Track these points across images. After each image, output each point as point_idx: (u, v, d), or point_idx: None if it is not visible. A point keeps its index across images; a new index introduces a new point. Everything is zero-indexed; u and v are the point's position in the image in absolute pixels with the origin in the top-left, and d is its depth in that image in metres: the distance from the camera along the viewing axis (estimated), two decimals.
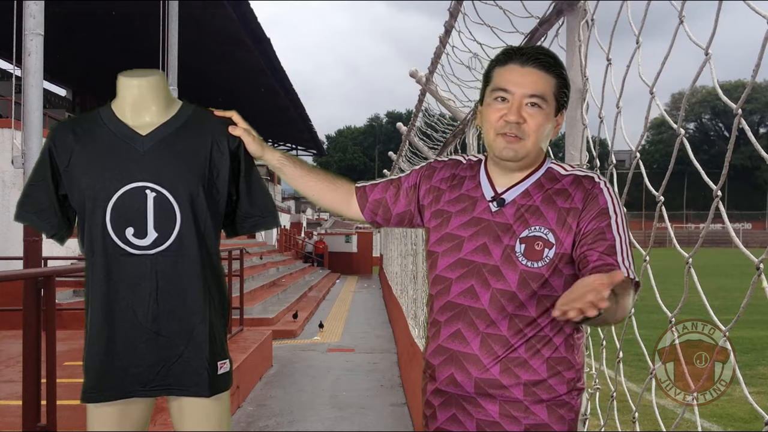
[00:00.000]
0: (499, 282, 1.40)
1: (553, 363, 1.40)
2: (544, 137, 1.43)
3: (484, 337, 1.41)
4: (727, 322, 1.16)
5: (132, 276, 1.67)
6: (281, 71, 18.10)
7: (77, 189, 1.70)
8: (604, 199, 1.38)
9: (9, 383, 4.60)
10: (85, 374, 1.72)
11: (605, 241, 1.33)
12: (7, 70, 18.21)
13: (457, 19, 2.91)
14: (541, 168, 1.46)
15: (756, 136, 1.40)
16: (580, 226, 1.37)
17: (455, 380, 1.44)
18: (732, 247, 20.28)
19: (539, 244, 1.39)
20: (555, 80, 1.40)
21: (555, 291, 1.38)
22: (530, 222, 1.41)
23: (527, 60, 1.39)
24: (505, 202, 1.44)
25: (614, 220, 1.36)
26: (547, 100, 1.40)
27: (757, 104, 67.66)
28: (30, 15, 5.51)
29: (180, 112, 1.77)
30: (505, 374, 1.40)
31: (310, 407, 5.72)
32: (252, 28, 14.36)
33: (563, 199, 1.40)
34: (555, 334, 1.40)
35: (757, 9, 0.99)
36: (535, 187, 1.44)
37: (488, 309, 1.40)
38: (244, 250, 8.72)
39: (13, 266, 6.48)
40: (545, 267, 1.38)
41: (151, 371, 1.70)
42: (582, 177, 1.43)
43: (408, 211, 1.63)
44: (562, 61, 1.44)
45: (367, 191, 1.69)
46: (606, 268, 1.29)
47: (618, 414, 1.69)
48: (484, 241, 1.43)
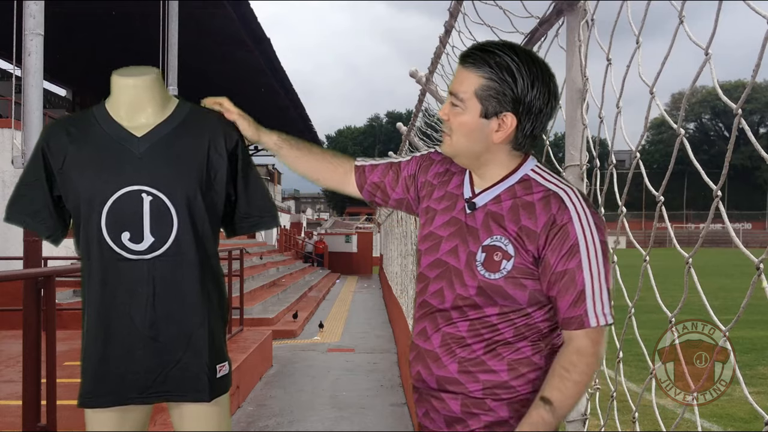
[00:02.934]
0: (461, 287, 1.39)
1: (515, 365, 1.37)
2: (474, 138, 1.37)
3: (444, 335, 1.41)
4: (727, 322, 1.16)
5: (129, 281, 1.65)
6: (281, 71, 18.08)
7: (72, 192, 1.68)
8: (573, 232, 1.31)
9: (9, 383, 4.60)
10: (82, 378, 1.70)
11: (575, 288, 1.30)
12: (7, 70, 18.20)
13: (457, 19, 2.90)
14: (517, 172, 1.40)
15: (756, 136, 1.40)
16: (549, 259, 1.32)
17: (421, 376, 1.45)
18: (732, 247, 20.29)
19: (498, 254, 1.35)
20: (482, 80, 1.32)
21: (517, 303, 1.35)
22: (493, 230, 1.37)
23: (462, 59, 1.36)
24: (476, 206, 1.41)
25: (585, 256, 1.30)
26: (465, 101, 1.35)
27: (757, 104, 67.67)
28: (30, 15, 5.50)
29: (176, 112, 1.74)
30: (464, 374, 1.38)
31: (310, 407, 5.71)
32: (252, 28, 14.35)
33: (527, 216, 1.34)
34: (517, 340, 1.37)
35: (757, 9, 0.99)
36: (507, 193, 1.39)
37: (450, 310, 1.40)
38: (244, 250, 8.72)
39: (13, 266, 6.48)
40: (502, 279, 1.34)
41: (149, 378, 1.67)
42: (552, 195, 1.34)
43: (406, 198, 1.61)
44: (505, 62, 1.31)
45: (366, 172, 1.67)
46: (574, 323, 1.31)
47: (618, 414, 1.69)
48: (456, 243, 1.41)
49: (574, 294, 1.30)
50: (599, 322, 1.30)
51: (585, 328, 1.30)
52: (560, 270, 1.31)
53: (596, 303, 1.30)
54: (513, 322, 1.36)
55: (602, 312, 1.30)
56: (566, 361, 1.31)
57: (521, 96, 1.32)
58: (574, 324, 1.31)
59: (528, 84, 1.31)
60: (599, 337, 1.31)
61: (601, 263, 1.31)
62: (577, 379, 1.30)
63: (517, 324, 1.36)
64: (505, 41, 1.39)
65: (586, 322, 1.30)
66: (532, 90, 1.32)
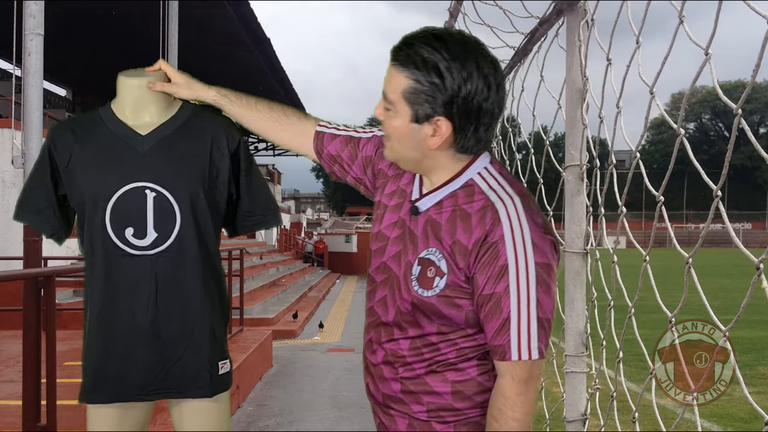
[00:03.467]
0: (399, 300, 1.27)
1: (459, 387, 1.26)
2: (408, 144, 1.23)
3: (386, 351, 1.31)
4: (727, 322, 1.16)
5: (132, 277, 1.66)
6: (281, 71, 18.09)
7: (77, 189, 1.70)
8: (504, 251, 1.17)
9: (9, 383, 4.60)
10: (83, 375, 1.71)
11: (500, 315, 1.17)
12: (7, 70, 18.20)
13: (457, 19, 2.91)
14: (460, 177, 1.25)
15: (756, 136, 1.40)
16: (478, 280, 1.19)
17: (369, 389, 1.38)
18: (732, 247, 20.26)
19: (432, 270, 1.23)
20: (408, 81, 1.17)
21: (456, 324, 1.24)
22: (430, 241, 1.24)
23: (391, 54, 1.21)
24: (419, 210, 1.28)
25: (514, 280, 1.16)
26: (394, 103, 1.21)
27: (757, 104, 67.67)
28: (30, 15, 5.50)
29: (180, 112, 1.77)
30: (407, 394, 1.29)
31: (310, 407, 5.72)
32: (252, 28, 14.35)
33: (463, 229, 1.21)
34: (460, 361, 1.26)
35: (757, 9, 0.99)
36: (449, 200, 1.25)
37: (392, 326, 1.30)
38: (244, 250, 8.72)
39: (13, 266, 6.48)
40: (435, 297, 1.22)
41: (150, 375, 1.68)
42: (489, 207, 1.20)
43: (363, 179, 1.49)
44: (433, 59, 1.15)
45: (324, 141, 1.52)
46: (497, 352, 1.19)
47: (618, 414, 1.69)
48: (400, 249, 1.29)
49: (499, 321, 1.18)
50: (521, 356, 1.16)
51: (506, 361, 1.18)
52: (487, 293, 1.18)
53: (521, 334, 1.16)
54: (454, 342, 1.25)
55: (527, 346, 1.16)
56: (495, 409, 1.20)
57: (453, 97, 1.16)
58: (497, 354, 1.19)
59: (461, 82, 1.15)
60: (524, 373, 1.18)
61: (533, 290, 1.16)
62: (508, 427, 1.18)
63: (459, 345, 1.25)
64: (438, 31, 1.19)
65: (507, 354, 1.17)
66: (467, 87, 1.15)
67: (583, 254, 1.83)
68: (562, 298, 1.91)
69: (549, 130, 2.22)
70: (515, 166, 2.69)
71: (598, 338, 1.77)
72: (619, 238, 1.70)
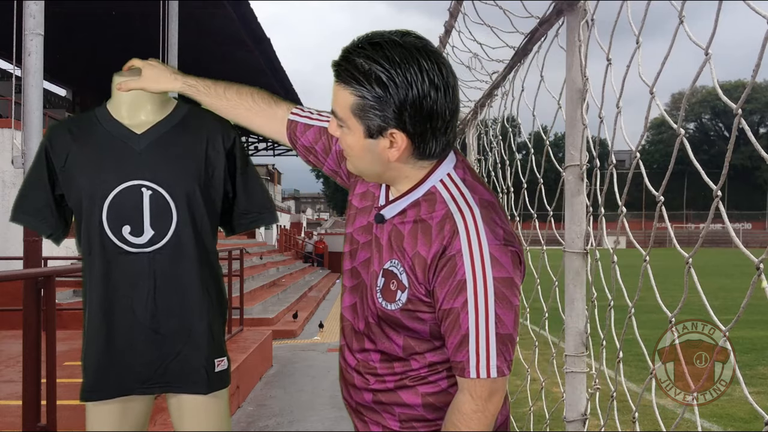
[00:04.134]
0: (368, 310, 1.25)
1: (430, 399, 1.24)
2: (367, 160, 1.19)
3: (358, 361, 1.30)
4: (727, 322, 1.16)
5: (130, 274, 1.68)
6: (281, 71, 18.09)
7: (74, 188, 1.71)
8: (462, 266, 1.12)
9: (9, 383, 4.60)
10: (84, 373, 1.72)
11: (459, 331, 1.13)
12: (7, 70, 18.20)
13: (457, 19, 2.91)
14: (423, 185, 1.20)
15: (756, 136, 1.40)
16: (438, 294, 1.15)
17: (344, 395, 1.38)
18: (732, 247, 20.26)
19: (394, 283, 1.20)
20: (353, 98, 1.12)
21: (422, 336, 1.21)
22: (394, 252, 1.21)
23: (333, 69, 1.16)
24: (384, 218, 1.24)
25: (472, 296, 1.12)
26: (343, 119, 1.16)
27: (757, 104, 67.70)
28: (30, 15, 5.51)
29: (175, 111, 1.79)
30: (378, 404, 1.28)
31: (310, 407, 5.72)
32: (252, 28, 14.35)
33: (423, 241, 1.17)
34: (431, 374, 1.23)
35: (757, 9, 0.99)
36: (412, 209, 1.21)
37: (363, 335, 1.28)
38: (244, 250, 8.72)
39: (13, 266, 6.47)
40: (398, 311, 1.19)
41: (150, 369, 1.71)
42: (448, 218, 1.16)
43: (339, 172, 1.45)
44: (374, 70, 1.09)
45: (298, 131, 1.49)
46: (457, 368, 1.16)
47: (618, 414, 1.68)
48: (369, 256, 1.27)
49: (458, 337, 1.14)
50: (479, 374, 1.13)
51: (465, 378, 1.15)
52: (446, 308, 1.14)
53: (480, 352, 1.13)
54: (423, 356, 1.23)
55: (486, 364, 1.13)
56: (449, 423, 1.18)
57: (402, 106, 1.10)
58: (457, 370, 1.16)
59: (405, 89, 1.09)
60: (483, 391, 1.14)
61: (492, 306, 1.12)
62: None
63: (428, 359, 1.23)
64: (376, 38, 1.12)
65: (466, 371, 1.14)
66: (412, 94, 1.09)
67: (583, 254, 1.83)
68: (562, 298, 1.91)
69: (549, 130, 2.22)
70: (515, 166, 2.69)
71: (598, 338, 1.77)
72: (619, 238, 1.70)
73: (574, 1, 1.75)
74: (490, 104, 3.25)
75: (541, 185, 2.22)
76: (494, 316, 1.12)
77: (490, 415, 1.16)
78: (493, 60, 2.73)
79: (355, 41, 1.14)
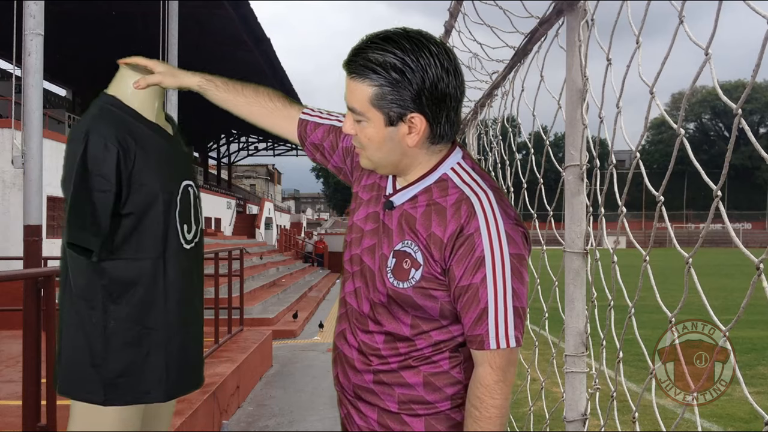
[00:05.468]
0: (374, 292, 1.30)
1: (431, 379, 1.28)
2: (387, 149, 1.24)
3: (360, 343, 1.33)
4: (727, 322, 1.16)
5: (189, 269, 1.82)
6: (281, 71, 18.12)
7: (143, 191, 1.69)
8: (480, 243, 1.19)
9: (9, 383, 4.60)
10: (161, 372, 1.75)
11: (478, 305, 1.20)
12: (7, 70, 18.20)
13: (457, 19, 2.91)
14: (435, 171, 1.28)
15: (756, 136, 1.40)
16: (455, 271, 1.21)
17: (339, 380, 1.39)
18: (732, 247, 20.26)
19: (407, 262, 1.25)
20: (372, 89, 1.19)
21: (430, 315, 1.26)
22: (406, 234, 1.26)
23: (346, 68, 1.22)
24: (393, 205, 1.30)
25: (491, 271, 1.19)
26: (364, 113, 1.22)
27: (757, 104, 67.74)
28: (30, 15, 5.51)
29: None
30: (379, 385, 1.31)
31: (310, 407, 5.72)
32: (252, 28, 14.37)
33: (438, 222, 1.23)
34: (434, 354, 1.28)
35: (757, 9, 0.99)
36: (424, 195, 1.27)
37: (367, 318, 1.32)
38: (244, 250, 8.72)
39: (13, 266, 6.48)
40: (411, 289, 1.24)
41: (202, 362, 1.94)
42: (464, 200, 1.23)
43: (344, 168, 1.51)
44: (390, 61, 1.17)
45: (308, 129, 1.55)
46: (475, 342, 1.22)
47: (618, 414, 1.68)
48: (375, 242, 1.32)
49: (477, 311, 1.20)
50: (500, 345, 1.20)
51: (485, 350, 1.21)
52: (464, 284, 1.21)
53: (499, 324, 1.20)
54: (429, 335, 1.28)
55: (505, 335, 1.20)
56: (473, 397, 1.23)
57: (420, 90, 1.18)
58: (475, 344, 1.22)
59: (421, 73, 1.17)
60: (502, 361, 1.21)
61: (509, 280, 1.20)
62: (489, 414, 1.21)
63: (434, 338, 1.28)
64: (382, 33, 1.20)
65: (486, 343, 1.20)
66: (428, 77, 1.17)
67: (583, 254, 1.83)
68: (562, 298, 1.91)
69: (549, 130, 2.22)
70: (515, 166, 2.69)
71: (598, 338, 1.77)
72: (619, 238, 1.70)
73: (574, 1, 1.75)
74: (490, 104, 3.25)
75: (541, 185, 2.22)
76: (511, 290, 1.20)
77: (509, 385, 1.23)
78: (493, 60, 2.73)
79: (364, 39, 1.20)
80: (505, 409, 1.23)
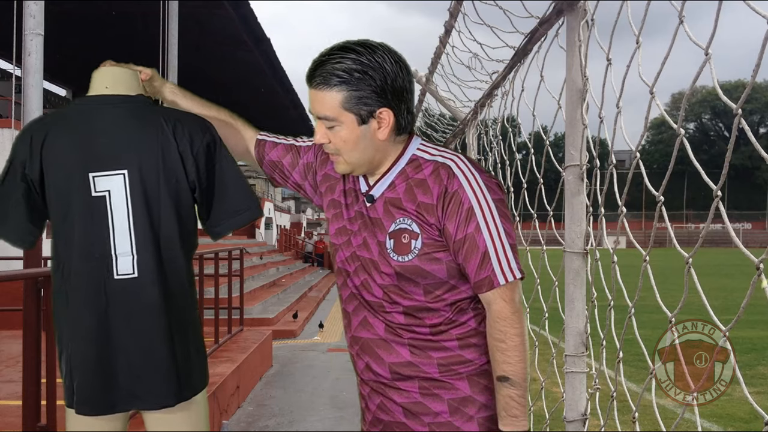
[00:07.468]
0: (382, 277, 1.39)
1: (464, 337, 1.38)
2: (363, 147, 1.36)
3: (386, 322, 1.40)
4: (727, 322, 1.16)
5: None
6: (281, 71, 18.09)
7: None
8: (466, 196, 1.32)
9: (9, 383, 4.59)
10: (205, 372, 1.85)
11: (478, 251, 1.31)
12: (7, 70, 18.21)
13: (457, 19, 2.91)
14: (404, 155, 1.40)
15: (756, 136, 1.40)
16: (449, 229, 1.33)
17: (371, 368, 1.43)
18: (732, 247, 20.28)
19: (405, 236, 1.36)
20: (341, 94, 1.31)
21: (438, 278, 1.36)
22: (395, 215, 1.37)
23: (310, 81, 1.35)
24: (374, 198, 1.41)
25: (482, 218, 1.32)
26: (336, 118, 1.34)
27: (757, 104, 67.76)
28: (30, 15, 5.51)
29: None
30: (416, 355, 1.38)
31: (310, 407, 5.71)
32: (252, 28, 14.35)
33: (422, 192, 1.35)
34: (458, 314, 1.38)
35: (757, 9, 0.99)
36: (400, 178, 1.39)
37: (383, 301, 1.40)
38: (244, 250, 8.73)
39: (13, 266, 6.48)
40: (416, 258, 1.35)
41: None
42: (440, 166, 1.36)
43: (303, 185, 1.62)
44: (350, 66, 1.30)
45: (266, 149, 1.66)
46: (484, 284, 1.32)
47: (618, 414, 1.69)
48: (365, 236, 1.41)
49: (478, 257, 1.32)
50: (507, 278, 1.32)
51: (495, 288, 1.32)
52: (461, 237, 1.32)
53: (501, 261, 1.32)
54: (443, 298, 1.37)
55: (509, 268, 1.32)
56: (496, 332, 1.33)
57: (383, 85, 1.31)
58: (484, 286, 1.32)
59: (381, 70, 1.31)
60: (512, 293, 1.33)
61: (499, 222, 1.33)
62: (514, 343, 1.32)
63: (449, 300, 1.37)
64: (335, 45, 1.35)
65: (495, 281, 1.32)
66: (387, 73, 1.31)
67: (583, 254, 1.83)
68: (562, 298, 1.91)
69: (549, 130, 2.22)
70: (515, 166, 2.69)
71: (598, 338, 1.77)
72: (619, 238, 1.70)
73: (574, 1, 1.75)
74: (490, 104, 3.25)
75: (541, 185, 2.22)
76: (503, 230, 1.33)
77: (522, 312, 1.35)
78: (493, 60, 2.73)
79: (321, 54, 1.34)
80: (525, 336, 1.34)
